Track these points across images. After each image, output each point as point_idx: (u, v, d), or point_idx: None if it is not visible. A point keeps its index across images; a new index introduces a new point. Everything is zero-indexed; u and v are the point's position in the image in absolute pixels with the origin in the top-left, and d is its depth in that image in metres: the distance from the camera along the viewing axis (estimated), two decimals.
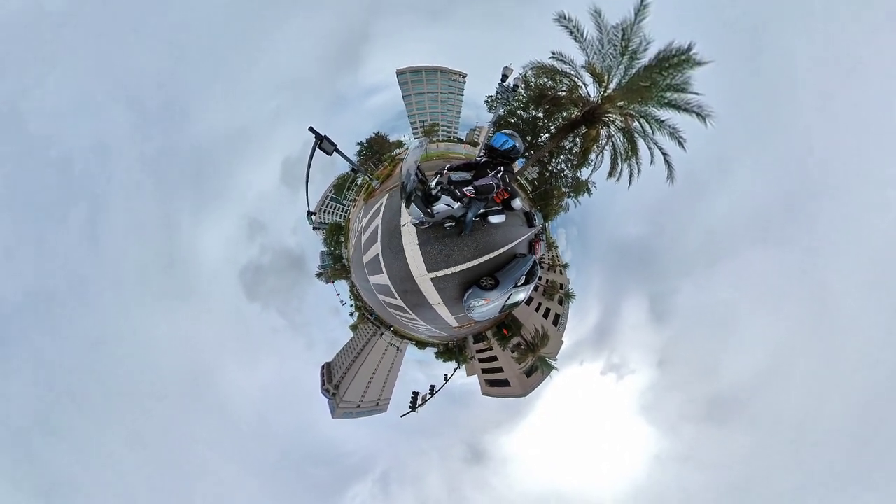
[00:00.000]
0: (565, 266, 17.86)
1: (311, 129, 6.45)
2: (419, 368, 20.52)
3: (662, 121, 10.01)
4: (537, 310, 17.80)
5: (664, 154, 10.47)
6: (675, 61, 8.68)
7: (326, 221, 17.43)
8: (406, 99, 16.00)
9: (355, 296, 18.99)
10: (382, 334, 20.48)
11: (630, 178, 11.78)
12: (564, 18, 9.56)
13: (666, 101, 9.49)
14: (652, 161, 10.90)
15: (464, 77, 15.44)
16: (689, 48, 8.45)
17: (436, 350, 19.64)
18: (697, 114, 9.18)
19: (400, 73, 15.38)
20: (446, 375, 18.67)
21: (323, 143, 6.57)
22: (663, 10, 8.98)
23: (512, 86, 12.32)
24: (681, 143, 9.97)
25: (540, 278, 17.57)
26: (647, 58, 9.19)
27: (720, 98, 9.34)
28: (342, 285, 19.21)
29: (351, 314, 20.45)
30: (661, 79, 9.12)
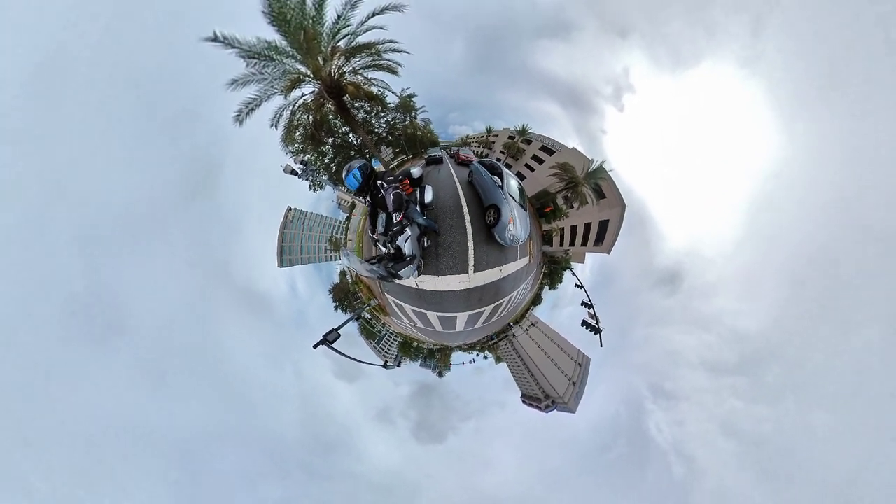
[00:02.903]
0: (489, 131, 18.49)
1: (315, 346, 7.62)
2: (559, 311, 21.72)
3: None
4: (532, 169, 18.57)
5: (392, 9, 10.70)
6: None
7: (395, 352, 20.03)
8: (304, 263, 18.04)
9: (468, 347, 20.86)
10: (514, 334, 21.62)
11: (405, 54, 12.26)
12: (219, 40, 9.37)
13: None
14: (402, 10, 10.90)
15: (290, 209, 16.99)
16: None
17: (547, 287, 20.68)
18: None
19: (281, 266, 17.49)
20: (576, 284, 19.64)
21: (328, 339, 7.72)
22: None
23: (300, 165, 13.88)
24: None
25: (497, 159, 18.39)
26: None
27: None
28: (456, 356, 21.49)
29: (485, 357, 22.46)
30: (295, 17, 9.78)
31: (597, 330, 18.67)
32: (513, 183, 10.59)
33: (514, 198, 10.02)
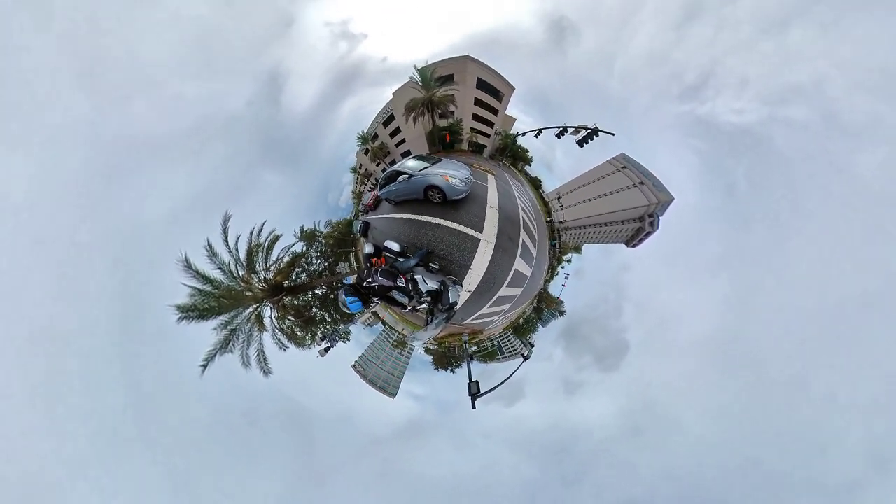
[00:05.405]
0: (355, 170, 20.57)
1: (473, 406, 9.03)
2: (555, 165, 23.81)
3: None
4: (403, 141, 19.86)
5: (226, 221, 14.54)
6: None
7: (519, 342, 23.57)
8: (401, 377, 22.19)
9: (549, 276, 22.80)
10: (559, 223, 23.22)
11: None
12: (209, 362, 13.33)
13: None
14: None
15: (354, 364, 21.21)
16: None
17: (525, 168, 22.50)
18: None
19: (394, 396, 21.84)
20: (535, 135, 21.07)
21: (475, 393, 9.03)
22: None
23: (324, 342, 18.06)
24: None
25: (383, 171, 19.96)
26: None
27: None
28: (552, 289, 23.55)
29: (569, 262, 24.06)
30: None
31: (592, 132, 18.55)
32: (409, 163, 11.76)
33: (425, 167, 11.17)
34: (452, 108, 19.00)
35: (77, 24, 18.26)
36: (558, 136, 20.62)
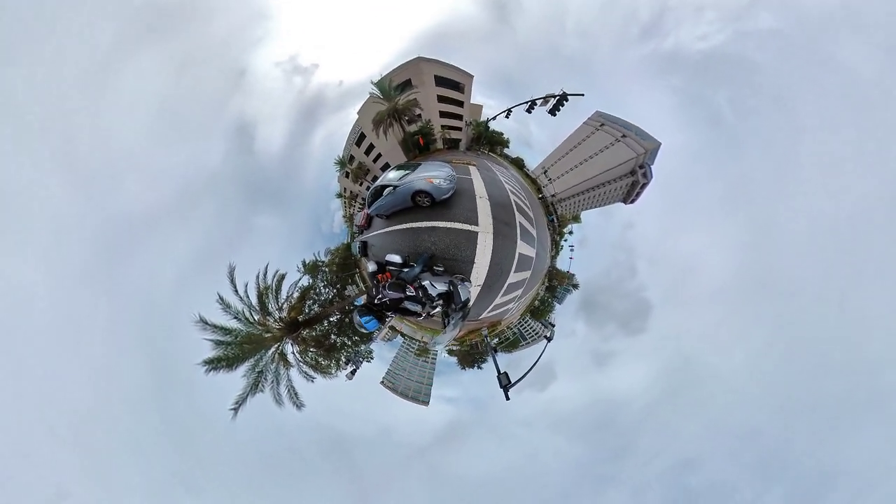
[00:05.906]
0: (340, 195, 21.24)
1: (507, 398, 9.33)
2: (534, 139, 24.53)
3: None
4: (379, 155, 20.27)
5: (231, 274, 15.49)
6: None
7: (539, 325, 24.21)
8: (430, 384, 23.18)
9: (554, 251, 23.25)
10: (552, 196, 23.43)
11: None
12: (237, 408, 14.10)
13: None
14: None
15: (383, 381, 22.23)
16: None
17: (505, 151, 22.84)
18: None
19: (427, 404, 22.91)
20: (505, 116, 21.33)
21: (506, 384, 9.48)
22: None
23: (349, 365, 19.23)
24: None
25: (367, 188, 20.37)
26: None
27: None
28: (561, 264, 24.27)
29: (571, 234, 24.40)
30: None
31: (561, 98, 18.18)
32: (391, 175, 12.00)
33: (407, 175, 11.44)
34: (418, 112, 19.33)
35: (51, 123, 19.13)
36: (528, 110, 20.78)
